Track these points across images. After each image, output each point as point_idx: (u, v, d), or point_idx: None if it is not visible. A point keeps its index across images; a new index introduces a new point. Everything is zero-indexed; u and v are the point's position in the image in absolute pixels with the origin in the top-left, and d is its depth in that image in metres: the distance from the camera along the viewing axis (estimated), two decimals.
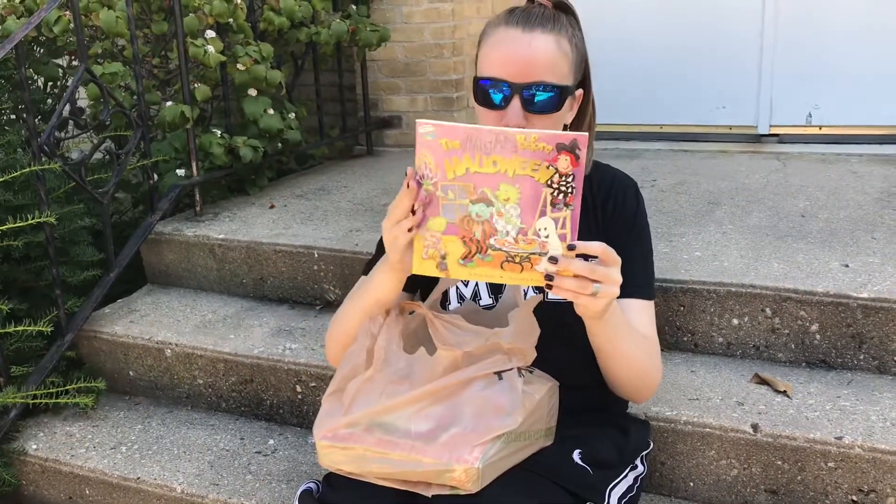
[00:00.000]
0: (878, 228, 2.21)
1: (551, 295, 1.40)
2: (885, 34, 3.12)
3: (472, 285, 1.47)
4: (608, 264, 1.15)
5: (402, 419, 1.22)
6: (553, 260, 1.12)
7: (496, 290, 1.46)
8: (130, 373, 2.32)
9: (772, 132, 3.36)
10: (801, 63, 3.26)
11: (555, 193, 1.11)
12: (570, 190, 1.11)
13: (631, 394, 1.46)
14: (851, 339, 1.82)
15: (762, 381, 1.80)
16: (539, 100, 1.31)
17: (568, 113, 1.40)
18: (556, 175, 1.10)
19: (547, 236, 1.13)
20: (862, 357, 1.82)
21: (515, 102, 1.30)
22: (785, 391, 1.75)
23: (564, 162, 1.10)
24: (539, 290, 1.40)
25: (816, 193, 2.58)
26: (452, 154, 1.13)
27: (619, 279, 1.17)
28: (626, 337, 1.35)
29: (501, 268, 1.15)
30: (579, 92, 1.41)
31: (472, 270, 1.16)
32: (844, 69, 3.20)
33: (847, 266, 1.95)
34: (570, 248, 1.12)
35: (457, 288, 1.47)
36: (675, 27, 3.42)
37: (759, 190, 2.66)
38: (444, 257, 1.17)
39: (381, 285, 1.35)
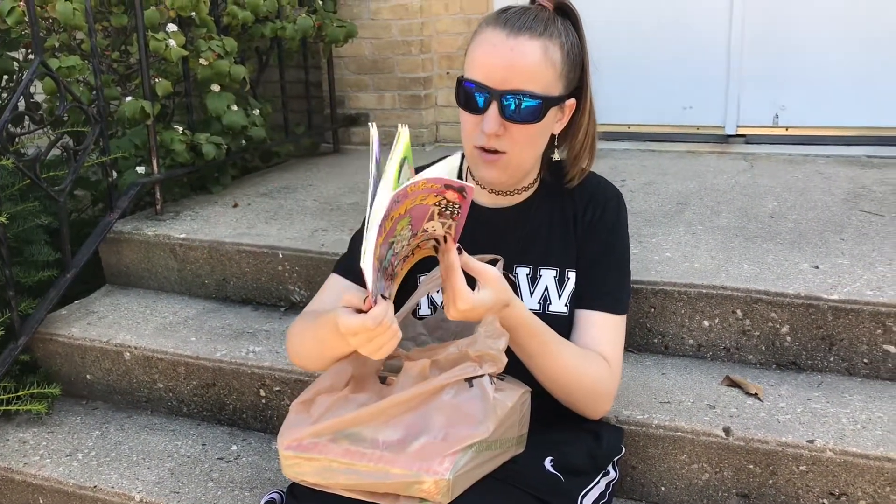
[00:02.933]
0: (846, 230, 2.21)
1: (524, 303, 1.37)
2: (851, 37, 3.14)
3: (440, 296, 1.43)
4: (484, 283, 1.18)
5: (370, 429, 1.18)
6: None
7: None
8: (88, 376, 2.24)
9: (739, 133, 3.37)
10: (767, 64, 3.27)
11: (441, 209, 1.13)
12: (455, 212, 1.13)
13: (575, 408, 1.42)
14: (822, 340, 1.81)
15: (733, 384, 1.78)
16: (517, 109, 1.27)
17: (555, 123, 1.36)
18: (444, 199, 1.12)
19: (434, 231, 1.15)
20: (832, 359, 1.82)
21: (493, 109, 1.27)
22: (756, 394, 1.74)
23: (452, 195, 1.11)
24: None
25: (784, 194, 2.58)
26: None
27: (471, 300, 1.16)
28: (547, 355, 1.31)
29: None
30: (571, 101, 1.37)
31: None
32: (810, 71, 3.22)
33: (817, 268, 1.94)
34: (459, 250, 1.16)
35: (428, 295, 1.43)
36: (643, 27, 3.41)
37: (728, 190, 2.66)
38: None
39: (338, 349, 1.25)
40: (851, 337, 1.79)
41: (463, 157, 1.46)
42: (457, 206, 1.12)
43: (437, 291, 1.42)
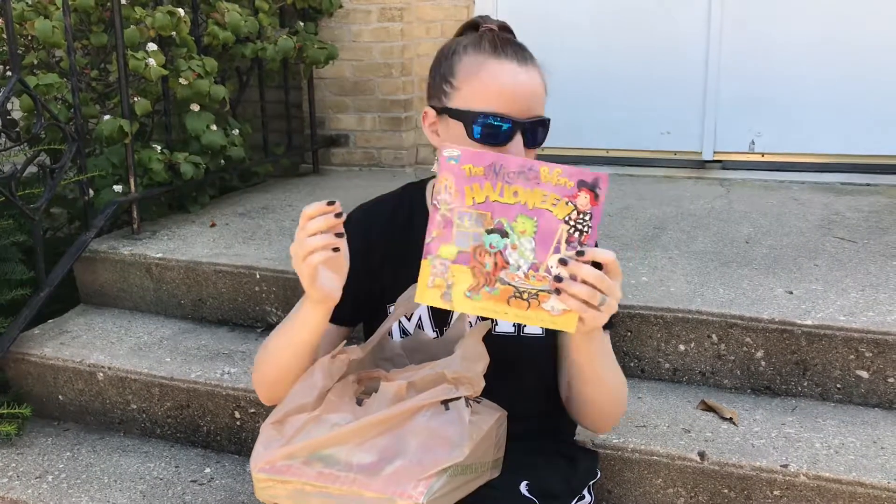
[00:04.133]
0: (820, 255, 2.24)
1: (498, 328, 1.37)
2: (827, 66, 3.19)
3: (414, 319, 1.41)
4: (614, 277, 1.12)
5: (344, 451, 1.17)
6: (563, 262, 1.09)
7: (441, 323, 1.40)
8: (60, 397, 2.21)
9: (716, 158, 3.41)
10: (744, 91, 3.32)
11: (571, 231, 1.09)
12: (586, 229, 1.10)
13: (597, 421, 1.43)
14: (796, 365, 1.83)
15: (708, 408, 1.79)
16: (539, 135, 1.30)
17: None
18: (575, 212, 1.09)
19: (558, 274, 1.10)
20: (806, 384, 1.83)
21: (518, 139, 1.27)
22: (731, 418, 1.74)
23: (584, 199, 1.09)
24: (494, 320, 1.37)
25: (760, 220, 2.61)
26: (474, 181, 1.11)
27: (621, 295, 1.14)
28: (607, 360, 1.33)
29: (507, 303, 1.11)
30: None
31: (476, 304, 1.12)
32: (786, 98, 3.27)
33: (791, 293, 1.96)
34: (580, 253, 1.09)
35: (399, 322, 1.41)
36: (622, 53, 3.45)
37: (704, 216, 2.68)
38: (449, 287, 1.12)
39: (306, 324, 1.26)
40: (825, 362, 1.81)
41: (426, 184, 1.45)
42: (588, 220, 1.09)
43: (408, 318, 1.41)
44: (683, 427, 1.72)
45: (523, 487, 1.32)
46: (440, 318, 1.40)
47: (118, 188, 2.61)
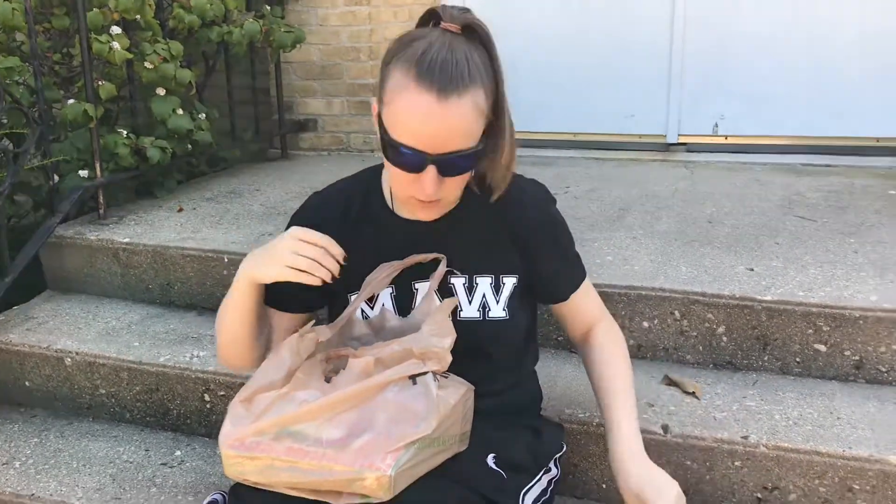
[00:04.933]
0: (780, 234, 2.29)
1: (462, 313, 1.40)
2: (789, 49, 3.25)
3: (378, 307, 1.42)
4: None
5: (313, 427, 1.18)
6: None
7: (404, 310, 1.41)
8: (26, 383, 2.20)
9: (680, 141, 3.45)
10: (708, 74, 3.36)
11: None
12: None
13: None
14: (756, 340, 1.87)
15: (672, 383, 1.83)
16: (455, 166, 1.25)
17: (497, 153, 1.31)
18: None
19: None
20: (766, 358, 1.87)
21: (431, 172, 1.23)
22: (694, 392, 1.78)
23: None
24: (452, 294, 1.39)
25: (723, 200, 2.65)
26: None
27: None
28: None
29: None
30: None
31: None
32: (749, 81, 3.32)
33: (752, 270, 2.00)
34: None
35: (361, 311, 1.42)
36: (587, 37, 3.47)
37: (669, 197, 2.72)
38: None
39: (250, 299, 1.38)
40: (784, 336, 1.85)
41: (382, 168, 1.45)
42: None
43: (371, 305, 1.43)
44: (647, 401, 1.76)
45: (490, 460, 1.34)
46: (404, 304, 1.41)
47: (84, 173, 2.59)
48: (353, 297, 1.42)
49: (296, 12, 3.56)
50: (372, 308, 1.42)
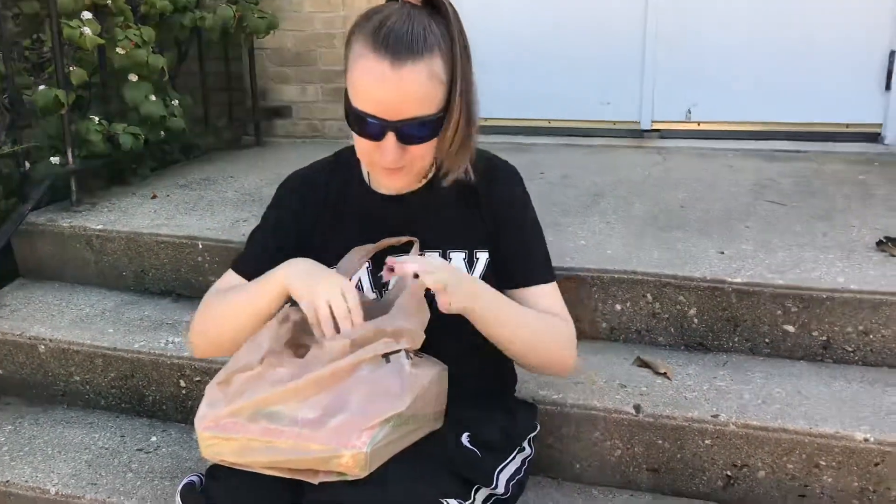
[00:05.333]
0: (751, 218, 2.32)
1: None
2: (760, 36, 3.28)
3: (354, 281, 1.43)
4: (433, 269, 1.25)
5: (289, 408, 1.19)
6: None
7: (380, 283, 1.43)
8: (0, 371, 2.19)
9: (654, 128, 3.48)
10: (680, 62, 3.39)
11: None
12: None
13: (541, 371, 1.51)
14: (727, 322, 1.90)
15: (644, 364, 1.86)
16: (414, 134, 1.27)
17: (449, 123, 1.31)
18: None
19: None
20: (736, 339, 1.91)
21: (390, 138, 1.26)
22: (665, 373, 1.81)
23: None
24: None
25: (695, 186, 2.68)
26: None
27: (445, 268, 1.28)
28: (510, 324, 1.37)
29: None
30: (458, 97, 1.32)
31: None
32: (720, 68, 3.35)
33: (722, 253, 2.03)
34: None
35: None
36: (561, 23, 3.48)
37: (642, 182, 2.75)
38: None
39: (272, 303, 1.35)
40: (754, 318, 1.88)
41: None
42: None
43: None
44: (620, 382, 1.79)
45: (465, 439, 1.36)
46: (379, 280, 1.43)
47: (55, 160, 2.57)
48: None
49: None
50: (349, 279, 1.42)
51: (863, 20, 3.17)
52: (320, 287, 1.27)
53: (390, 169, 1.33)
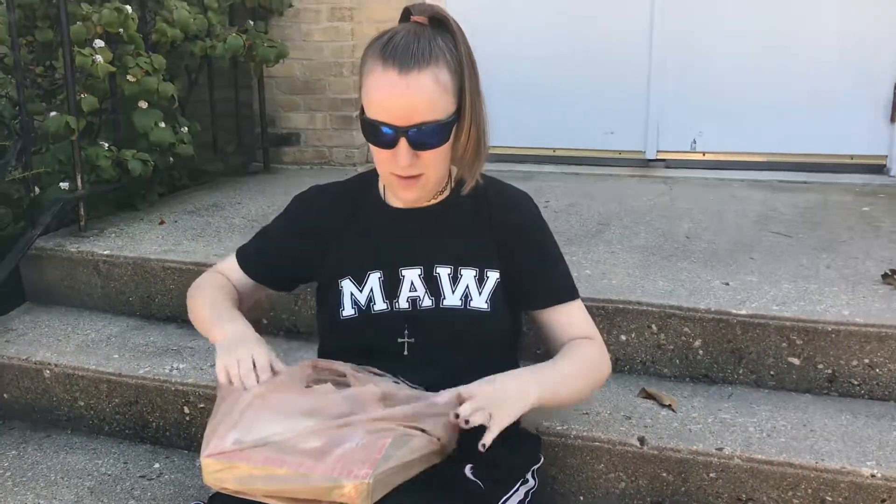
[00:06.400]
0: (756, 249, 2.32)
1: (445, 302, 1.46)
2: (763, 69, 3.31)
3: (366, 291, 1.48)
4: (468, 397, 1.28)
5: (293, 438, 1.20)
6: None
7: (391, 295, 1.47)
8: (5, 395, 2.19)
9: (659, 157, 3.50)
10: (685, 92, 3.41)
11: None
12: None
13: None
14: (731, 354, 1.90)
15: (649, 396, 1.85)
16: (425, 139, 1.34)
17: (461, 132, 1.40)
18: None
19: None
20: (741, 371, 1.90)
21: (402, 144, 1.34)
22: (670, 405, 1.81)
23: None
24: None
25: (700, 216, 2.69)
26: None
27: (487, 397, 1.29)
28: (560, 395, 1.45)
29: None
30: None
31: None
32: (726, 99, 3.37)
33: (728, 284, 2.03)
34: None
35: (351, 294, 1.49)
36: (568, 56, 3.52)
37: (647, 212, 2.76)
38: None
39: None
40: (759, 350, 1.88)
41: (376, 173, 1.53)
42: None
43: (360, 288, 1.50)
44: (624, 414, 1.78)
45: (468, 470, 1.35)
46: (391, 289, 1.48)
47: (65, 185, 2.59)
48: (342, 283, 1.49)
49: (279, 27, 3.58)
50: (361, 290, 1.48)
51: (868, 53, 3.19)
52: (233, 353, 1.38)
53: (406, 179, 1.39)
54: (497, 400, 1.30)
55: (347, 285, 1.49)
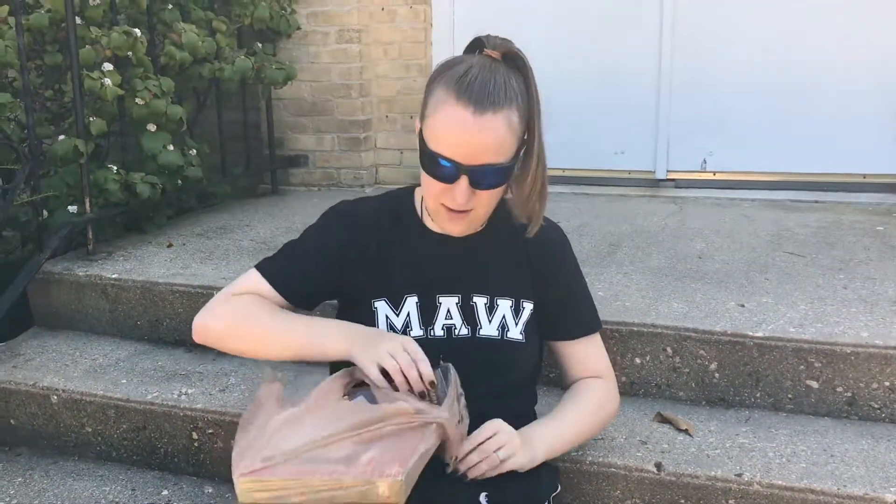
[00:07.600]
0: (770, 270, 2.30)
1: (482, 331, 1.45)
2: (773, 88, 3.29)
3: (403, 316, 1.46)
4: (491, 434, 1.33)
5: (322, 449, 1.19)
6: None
7: (427, 322, 1.45)
8: (12, 421, 2.17)
9: (669, 177, 3.48)
10: (695, 111, 3.40)
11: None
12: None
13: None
14: (748, 377, 1.87)
15: (664, 420, 1.82)
16: (485, 180, 1.33)
17: (527, 174, 1.39)
18: None
19: None
20: (759, 394, 1.87)
21: (463, 182, 1.32)
22: (687, 430, 1.77)
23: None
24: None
25: (712, 236, 2.67)
26: None
27: (508, 439, 1.35)
28: (572, 435, 1.51)
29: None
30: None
31: None
32: (736, 118, 3.35)
33: (743, 306, 2.01)
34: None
35: (387, 317, 1.46)
36: (576, 76, 3.51)
37: (658, 232, 2.73)
38: None
39: (317, 358, 1.40)
40: (776, 373, 1.85)
41: (414, 189, 1.53)
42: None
43: (396, 313, 1.48)
44: (640, 439, 1.75)
45: (483, 499, 1.33)
46: (427, 315, 1.45)
47: (73, 209, 2.58)
48: (376, 304, 1.46)
49: (287, 49, 3.59)
50: (397, 314, 1.46)
51: (880, 71, 3.18)
52: (380, 348, 1.31)
53: (455, 213, 1.37)
54: (515, 447, 1.36)
55: (382, 307, 1.46)
